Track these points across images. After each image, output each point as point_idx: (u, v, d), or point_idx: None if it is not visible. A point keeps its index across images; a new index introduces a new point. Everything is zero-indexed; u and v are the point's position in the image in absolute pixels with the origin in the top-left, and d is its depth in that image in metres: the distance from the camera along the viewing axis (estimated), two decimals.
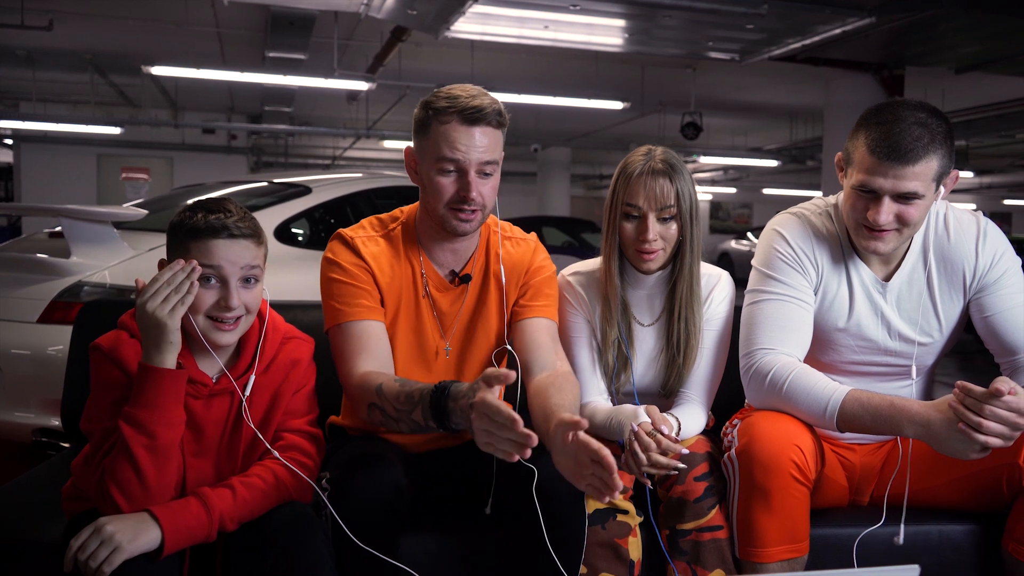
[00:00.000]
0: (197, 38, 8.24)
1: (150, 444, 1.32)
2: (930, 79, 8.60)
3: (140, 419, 1.32)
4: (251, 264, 1.43)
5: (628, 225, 1.75)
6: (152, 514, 1.30)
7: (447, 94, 1.61)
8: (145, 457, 1.32)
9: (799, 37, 6.27)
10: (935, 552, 1.74)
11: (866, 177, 1.60)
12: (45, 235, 3.68)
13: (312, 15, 6.69)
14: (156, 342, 1.34)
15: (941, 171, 1.60)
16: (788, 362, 1.66)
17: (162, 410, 1.33)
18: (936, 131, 1.57)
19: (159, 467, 1.33)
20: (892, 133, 1.56)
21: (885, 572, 0.85)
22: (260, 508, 1.39)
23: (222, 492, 1.37)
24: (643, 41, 6.76)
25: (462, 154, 1.58)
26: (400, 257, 1.70)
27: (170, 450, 1.35)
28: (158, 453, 1.33)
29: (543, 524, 1.45)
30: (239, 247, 1.42)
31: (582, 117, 12.15)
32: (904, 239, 1.67)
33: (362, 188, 4.14)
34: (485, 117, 1.58)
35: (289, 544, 1.33)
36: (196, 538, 1.32)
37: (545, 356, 1.68)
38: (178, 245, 1.42)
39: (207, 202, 1.44)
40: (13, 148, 13.72)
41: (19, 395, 2.98)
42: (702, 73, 9.15)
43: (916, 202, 1.60)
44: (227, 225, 1.41)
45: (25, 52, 9.41)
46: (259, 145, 15.35)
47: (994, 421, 1.42)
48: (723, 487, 1.66)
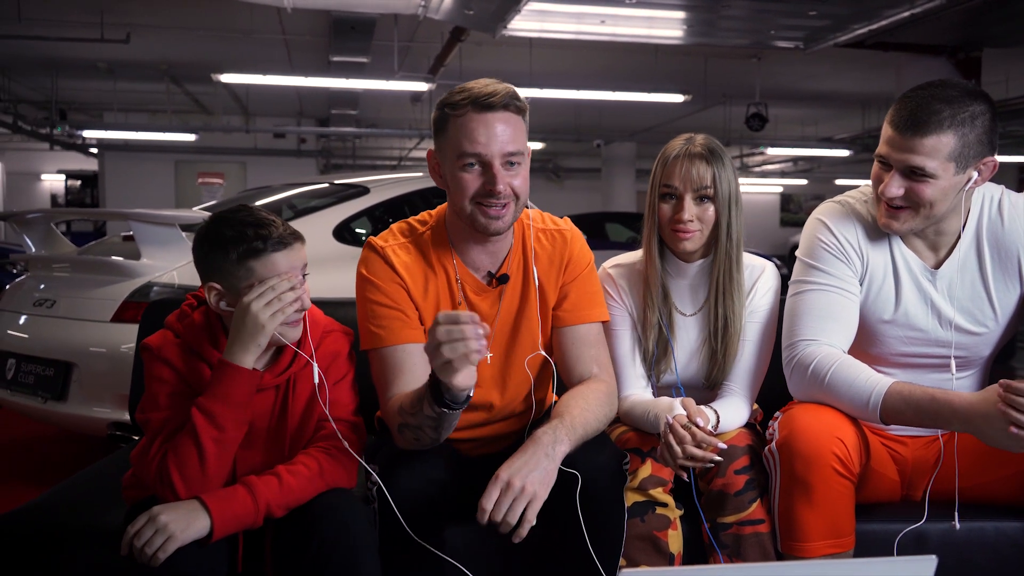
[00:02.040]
0: (265, 45, 8.50)
1: (219, 436, 1.39)
2: (1011, 60, 8.22)
3: (213, 411, 1.39)
4: (304, 263, 1.51)
5: (665, 206, 1.76)
6: (202, 502, 1.36)
7: (460, 89, 1.56)
8: (211, 448, 1.39)
9: (865, 22, 6.09)
10: (991, 549, 1.68)
11: (883, 147, 1.58)
12: (120, 239, 3.86)
13: (372, 18, 6.82)
14: (245, 341, 1.40)
15: (960, 152, 1.54)
16: (831, 353, 1.62)
17: (236, 406, 1.40)
18: (961, 110, 1.52)
19: (221, 458, 1.41)
20: (912, 105, 1.54)
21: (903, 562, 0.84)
22: (305, 495, 1.44)
23: (268, 480, 1.42)
24: (704, 32, 6.68)
25: (482, 146, 1.52)
26: (433, 263, 1.65)
27: (233, 445, 1.42)
28: (223, 446, 1.40)
29: (583, 526, 1.45)
30: (295, 252, 1.48)
31: (645, 111, 12.04)
32: (923, 221, 1.61)
33: (419, 187, 4.20)
34: (500, 102, 1.52)
35: (333, 528, 1.38)
36: (244, 524, 1.38)
37: (585, 367, 1.66)
38: (238, 265, 1.44)
39: (245, 217, 1.47)
40: (98, 156, 14.41)
41: (95, 391, 3.14)
42: (767, 63, 8.96)
43: (928, 181, 1.55)
44: (282, 237, 1.46)
45: (106, 65, 9.87)
46: (328, 148, 15.71)
47: None
48: (765, 480, 1.64)
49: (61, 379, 3.17)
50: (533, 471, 1.40)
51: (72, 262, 3.56)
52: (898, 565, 0.83)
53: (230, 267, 1.45)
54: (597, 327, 1.71)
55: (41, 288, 3.47)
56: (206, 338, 1.51)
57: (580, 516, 1.45)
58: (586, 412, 1.54)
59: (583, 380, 1.64)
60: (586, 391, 1.59)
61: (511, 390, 1.71)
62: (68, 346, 3.20)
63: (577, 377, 1.65)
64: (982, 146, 1.56)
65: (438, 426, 1.44)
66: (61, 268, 3.56)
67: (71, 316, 3.26)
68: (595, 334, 1.71)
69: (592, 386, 1.62)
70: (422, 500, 1.47)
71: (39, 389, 3.22)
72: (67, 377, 3.17)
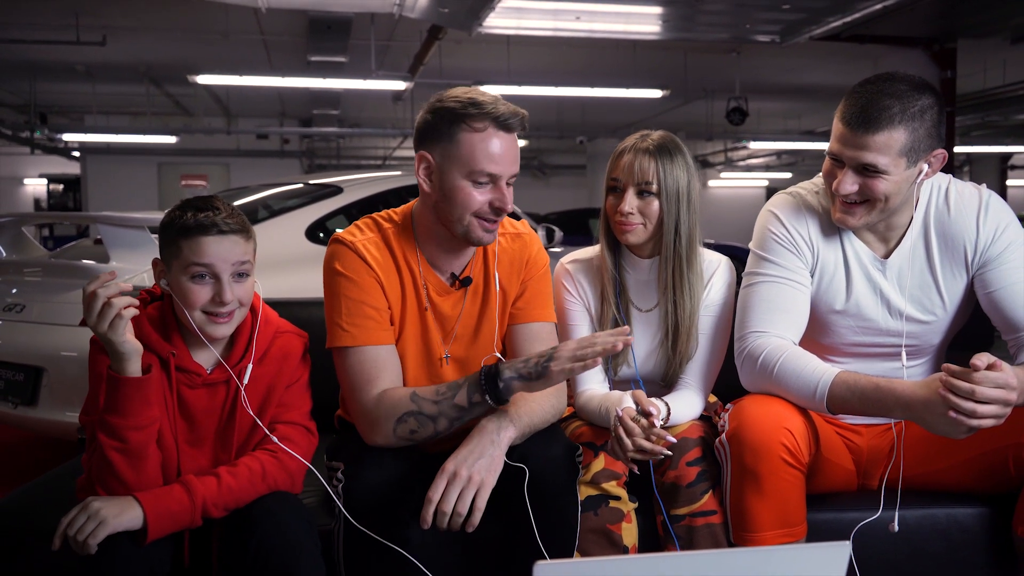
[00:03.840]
0: (243, 46, 8.46)
1: (122, 447, 1.39)
2: (986, 51, 8.27)
3: (111, 424, 1.39)
4: (241, 260, 1.49)
5: (611, 198, 1.78)
6: (136, 499, 1.37)
7: (469, 99, 1.53)
8: (120, 460, 1.39)
9: (840, 15, 6.12)
10: (943, 536, 1.70)
11: (834, 144, 1.60)
12: (92, 242, 3.85)
13: (348, 17, 6.80)
14: (112, 354, 1.39)
15: (911, 146, 1.55)
16: (779, 344, 1.64)
17: (130, 415, 1.39)
18: (910, 104, 1.53)
19: (135, 467, 1.40)
20: (861, 102, 1.55)
21: (817, 548, 0.85)
22: (247, 496, 1.45)
23: (207, 480, 1.43)
24: (681, 27, 6.70)
25: (501, 167, 1.54)
26: (399, 261, 1.64)
27: (144, 450, 1.41)
28: (131, 454, 1.40)
29: (532, 518, 1.46)
30: (229, 243, 1.47)
31: (627, 107, 12.06)
32: (878, 215, 1.63)
33: (393, 186, 4.19)
34: (518, 124, 1.55)
35: (271, 530, 1.38)
36: (180, 522, 1.39)
37: None
38: (169, 243, 1.48)
39: (196, 200, 1.50)
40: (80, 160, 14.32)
41: (66, 395, 3.12)
42: (746, 57, 8.98)
43: (881, 176, 1.56)
44: (216, 222, 1.46)
45: (84, 67, 9.80)
46: (312, 148, 15.66)
47: (985, 403, 1.38)
48: (717, 472, 1.66)
49: (31, 384, 3.15)
50: (479, 459, 1.44)
51: (43, 266, 3.55)
52: (812, 551, 0.84)
53: (168, 243, 1.48)
54: (549, 326, 1.73)
55: (12, 293, 3.45)
56: (157, 330, 1.51)
57: (529, 509, 1.46)
58: (531, 402, 1.56)
59: None
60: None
61: None
62: (38, 351, 3.18)
63: None
64: (932, 139, 1.58)
65: (458, 419, 1.50)
66: (32, 272, 3.54)
67: (41, 320, 3.24)
68: (547, 332, 1.72)
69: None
70: (385, 497, 1.48)
71: (9, 394, 3.20)
72: (37, 382, 3.15)
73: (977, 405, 1.38)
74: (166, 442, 1.48)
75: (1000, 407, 1.38)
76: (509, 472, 1.49)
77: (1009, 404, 1.38)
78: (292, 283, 3.00)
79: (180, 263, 1.46)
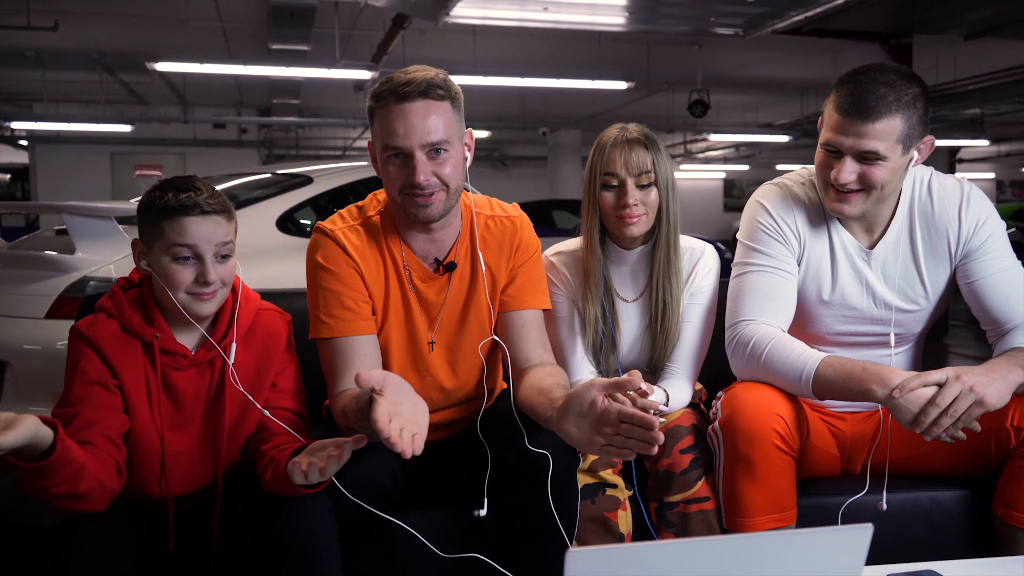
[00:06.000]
0: (201, 33, 8.27)
1: (58, 496, 1.27)
2: (940, 46, 8.47)
3: (41, 489, 1.26)
4: (224, 240, 1.47)
5: (608, 194, 1.77)
6: None
7: (386, 79, 1.54)
8: (65, 502, 1.29)
9: (802, 9, 6.21)
10: (925, 518, 1.75)
11: (831, 135, 1.62)
12: (53, 232, 3.74)
13: (312, 5, 6.70)
14: (20, 450, 1.20)
15: (907, 133, 1.59)
16: (768, 332, 1.66)
17: (50, 480, 1.25)
18: (903, 93, 1.57)
19: (84, 496, 1.30)
20: (857, 92, 1.57)
21: (840, 531, 0.86)
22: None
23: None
24: (645, 19, 6.74)
25: (401, 138, 1.50)
26: (382, 247, 1.63)
27: (77, 486, 1.28)
28: (74, 498, 1.29)
29: (553, 506, 1.46)
30: (211, 223, 1.45)
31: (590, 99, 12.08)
32: (873, 203, 1.66)
33: (364, 176, 4.14)
34: (416, 91, 1.49)
35: (296, 514, 1.36)
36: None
37: (532, 351, 1.66)
38: (150, 224, 1.45)
39: (175, 180, 1.47)
40: (28, 149, 13.90)
41: (31, 389, 3.04)
42: (708, 50, 9.07)
43: (879, 163, 1.59)
44: (198, 203, 1.43)
45: (34, 53, 9.50)
46: (270, 138, 15.42)
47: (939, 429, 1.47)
48: (709, 459, 1.68)
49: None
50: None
51: (2, 258, 3.44)
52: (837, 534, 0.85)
53: (149, 224, 1.45)
54: (540, 314, 1.72)
55: None
56: (139, 314, 1.48)
57: (549, 496, 1.45)
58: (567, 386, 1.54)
59: (530, 364, 1.64)
60: (553, 370, 1.60)
61: (461, 376, 1.71)
62: (1, 344, 3.09)
63: (524, 360, 1.65)
64: (923, 126, 1.62)
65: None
66: None
67: (3, 314, 3.14)
68: (540, 320, 1.71)
69: (556, 368, 1.63)
70: (374, 488, 1.46)
71: None
72: (1, 376, 3.06)
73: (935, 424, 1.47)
74: (148, 428, 1.45)
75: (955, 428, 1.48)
76: (518, 459, 1.49)
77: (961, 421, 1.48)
78: (264, 274, 2.94)
79: (162, 244, 1.44)
